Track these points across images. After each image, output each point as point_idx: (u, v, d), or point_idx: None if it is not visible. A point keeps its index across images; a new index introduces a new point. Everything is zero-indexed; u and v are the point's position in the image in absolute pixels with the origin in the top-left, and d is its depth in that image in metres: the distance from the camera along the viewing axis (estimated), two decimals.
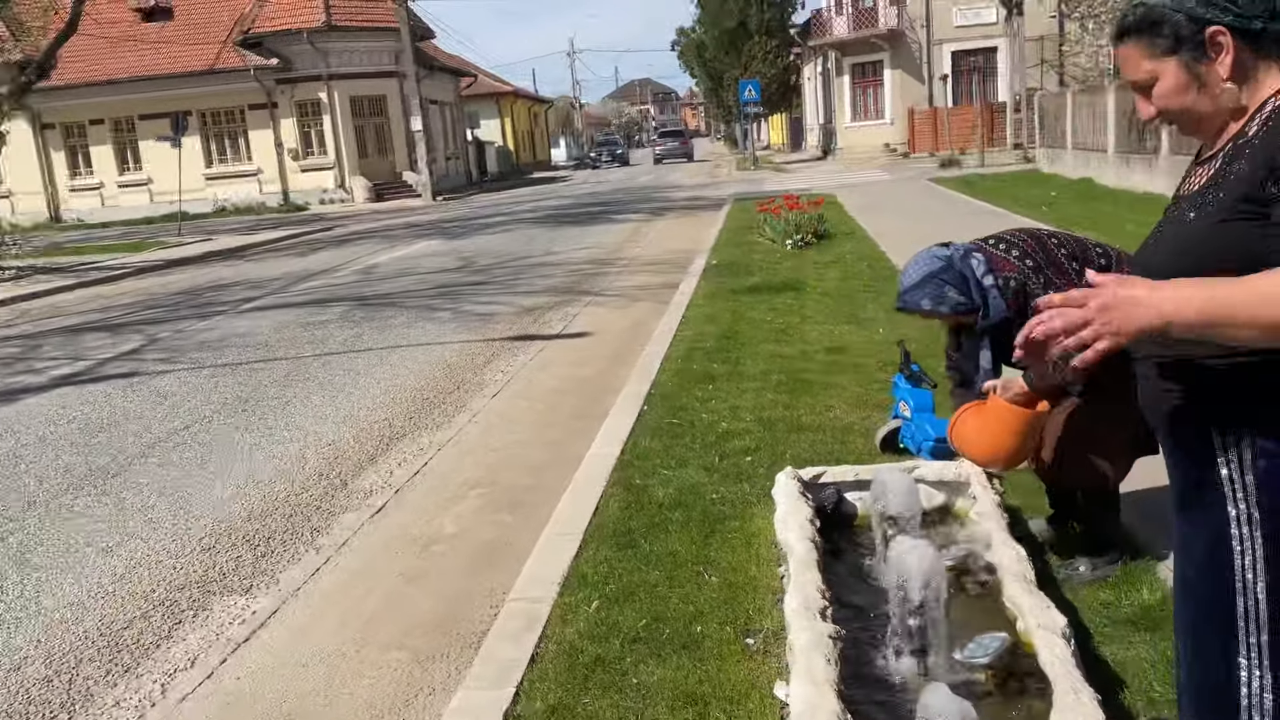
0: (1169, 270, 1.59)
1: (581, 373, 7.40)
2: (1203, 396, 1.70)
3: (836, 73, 36.52)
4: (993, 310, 3.28)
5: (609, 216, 21.22)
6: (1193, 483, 1.76)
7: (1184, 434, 1.75)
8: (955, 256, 3.34)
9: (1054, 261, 3.25)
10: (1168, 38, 1.65)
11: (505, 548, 4.33)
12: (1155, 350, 1.76)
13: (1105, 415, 3.37)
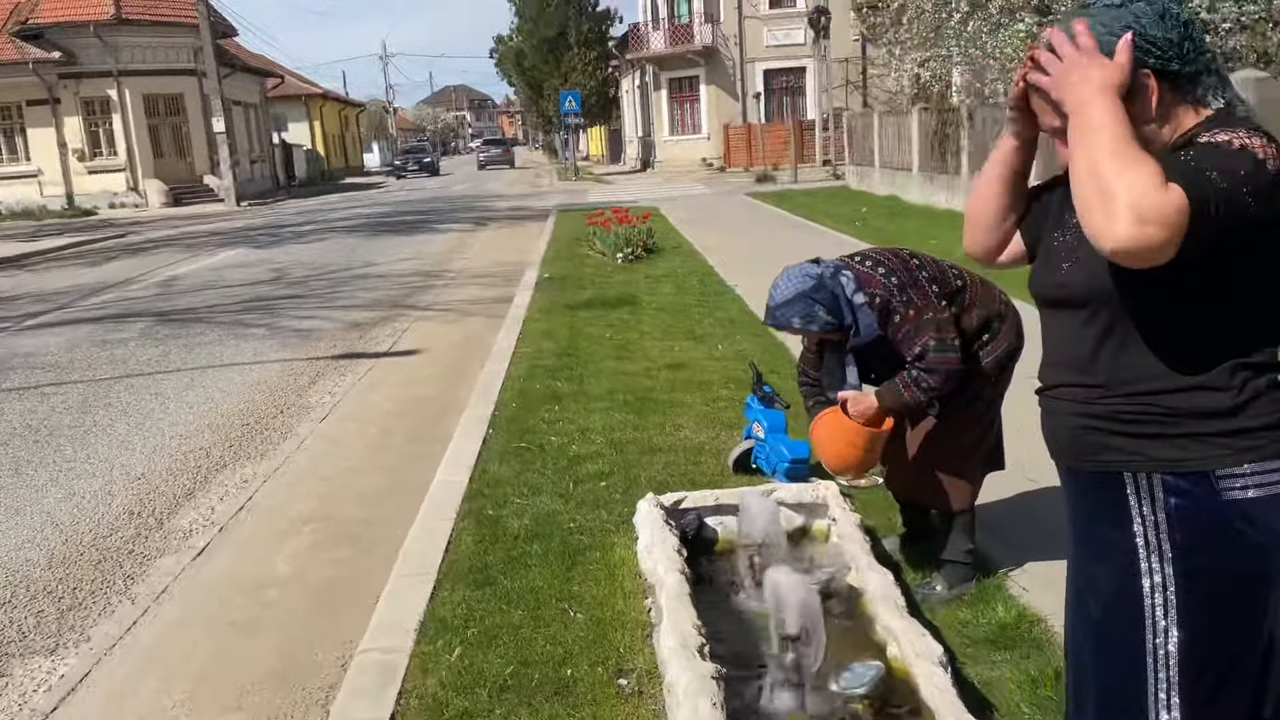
0: (1106, 288, 1.63)
1: (416, 393, 7.10)
2: (1117, 431, 1.69)
3: (655, 87, 37.08)
4: (864, 329, 3.30)
5: (430, 226, 20.70)
6: (1100, 519, 1.76)
7: (1093, 468, 1.75)
8: (826, 274, 3.34)
9: (916, 282, 3.30)
10: None
11: (348, 588, 4.04)
12: (1072, 379, 1.74)
13: (961, 435, 3.45)
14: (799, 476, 4.29)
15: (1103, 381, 1.70)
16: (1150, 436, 1.66)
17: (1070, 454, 1.78)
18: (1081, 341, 1.72)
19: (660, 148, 37.41)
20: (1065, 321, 1.77)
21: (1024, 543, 3.84)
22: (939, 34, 15.92)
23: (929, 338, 3.20)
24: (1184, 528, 1.65)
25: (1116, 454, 1.70)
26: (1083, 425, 1.73)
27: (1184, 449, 1.64)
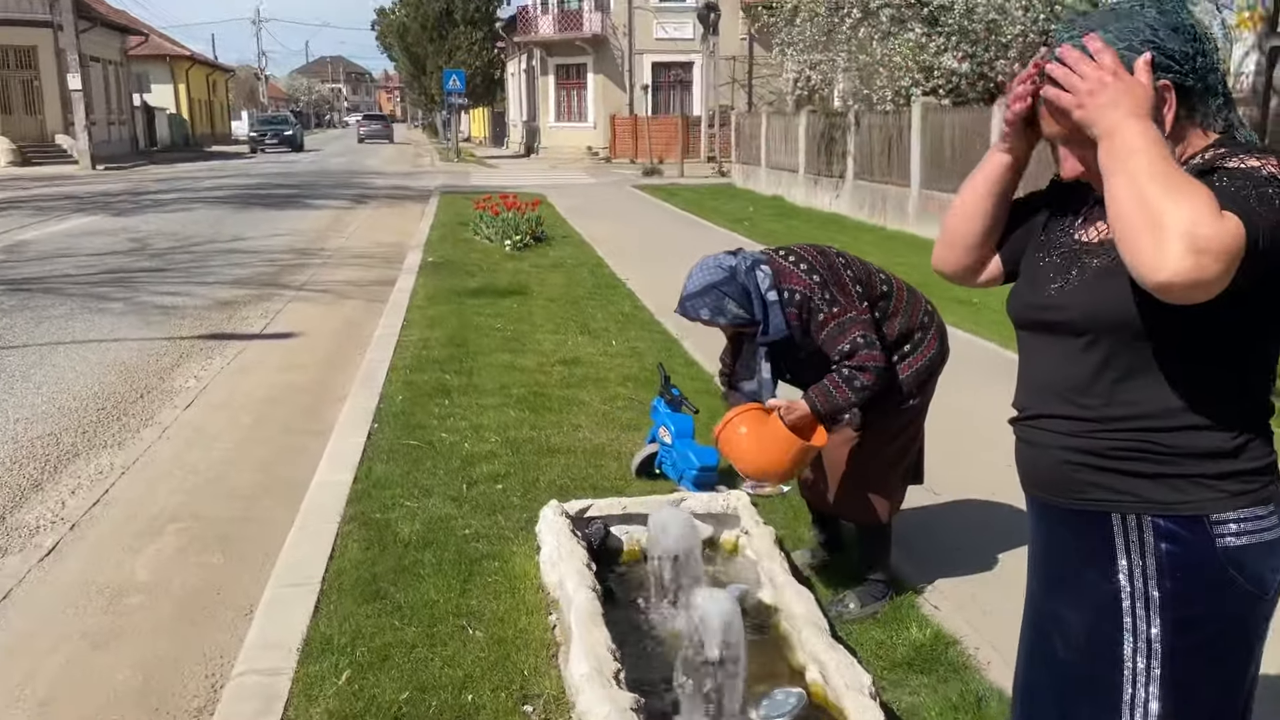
0: (1114, 317, 1.52)
1: (292, 379, 6.68)
2: (1107, 468, 1.58)
3: (542, 72, 36.62)
4: (772, 328, 3.17)
5: (304, 201, 19.85)
6: (1080, 560, 1.64)
7: (1077, 506, 1.63)
8: (740, 267, 3.21)
9: (839, 281, 3.18)
10: None
11: (219, 597, 3.69)
12: (1059, 410, 1.62)
13: (882, 448, 3.35)
14: (707, 484, 4.14)
15: (1097, 414, 1.57)
16: (1144, 476, 1.55)
17: (1052, 489, 1.65)
18: (1074, 370, 1.60)
19: (545, 134, 36.98)
20: (1053, 347, 1.64)
21: (930, 557, 3.79)
22: (830, 38, 16.09)
23: (855, 334, 3.09)
24: (1175, 575, 1.54)
25: (1105, 493, 1.58)
26: (1070, 460, 1.61)
27: (1179, 490, 1.53)
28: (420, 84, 43.80)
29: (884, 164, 14.98)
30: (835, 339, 3.11)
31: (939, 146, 13.31)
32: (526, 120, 40.89)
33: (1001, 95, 13.41)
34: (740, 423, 3.31)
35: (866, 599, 3.43)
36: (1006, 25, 14.28)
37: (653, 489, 4.39)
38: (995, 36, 14.47)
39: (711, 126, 31.29)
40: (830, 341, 3.13)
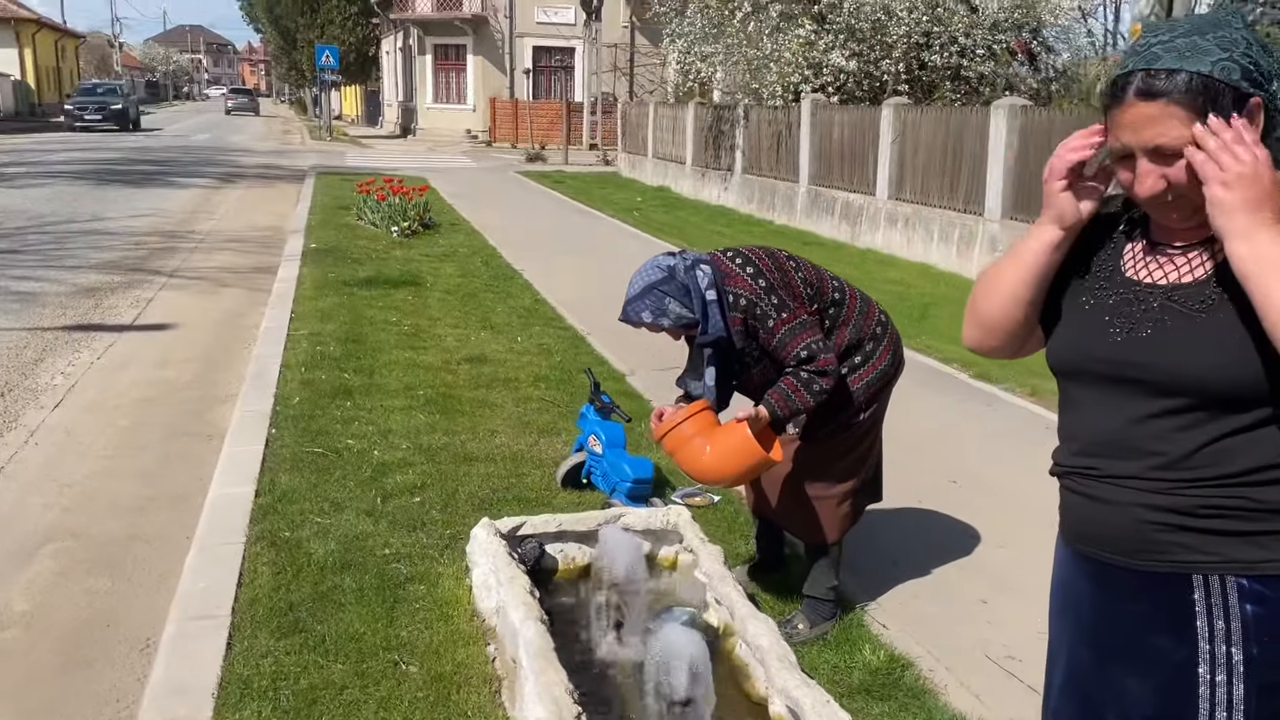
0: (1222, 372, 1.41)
1: (171, 376, 6.19)
2: (1191, 527, 1.46)
3: (419, 51, 35.61)
4: (711, 327, 3.03)
5: (168, 179, 18.75)
6: (1151, 624, 1.52)
7: (1149, 567, 1.50)
8: (680, 267, 3.06)
9: (789, 284, 3.06)
10: (1217, 106, 1.39)
11: (109, 631, 3.32)
12: (1136, 468, 1.49)
13: (832, 464, 3.24)
14: (641, 497, 3.97)
15: (1183, 473, 1.45)
16: (1230, 534, 1.44)
17: (1123, 550, 1.52)
18: (1155, 426, 1.47)
19: (422, 115, 36.02)
20: (1124, 401, 1.50)
21: (870, 571, 3.72)
22: (721, 30, 16.06)
23: (810, 339, 2.97)
24: (1262, 639, 1.43)
25: (1186, 552, 1.46)
26: (1149, 520, 1.48)
27: (1265, 548, 1.43)
28: (290, 59, 42.09)
29: (773, 159, 15.06)
30: (788, 344, 2.99)
31: (827, 143, 13.44)
32: (402, 100, 39.76)
33: (903, 95, 13.64)
34: (690, 426, 3.14)
35: (816, 620, 3.33)
36: (892, 26, 14.53)
37: (580, 500, 4.20)
38: (881, 36, 14.71)
39: (594, 114, 31.05)
40: (783, 347, 3.00)
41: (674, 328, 3.10)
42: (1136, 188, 1.46)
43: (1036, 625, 3.36)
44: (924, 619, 3.41)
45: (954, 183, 10.75)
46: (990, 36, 14.87)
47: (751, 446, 3.01)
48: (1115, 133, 1.47)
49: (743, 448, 3.01)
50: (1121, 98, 1.44)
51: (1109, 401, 1.53)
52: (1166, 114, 1.40)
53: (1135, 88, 1.42)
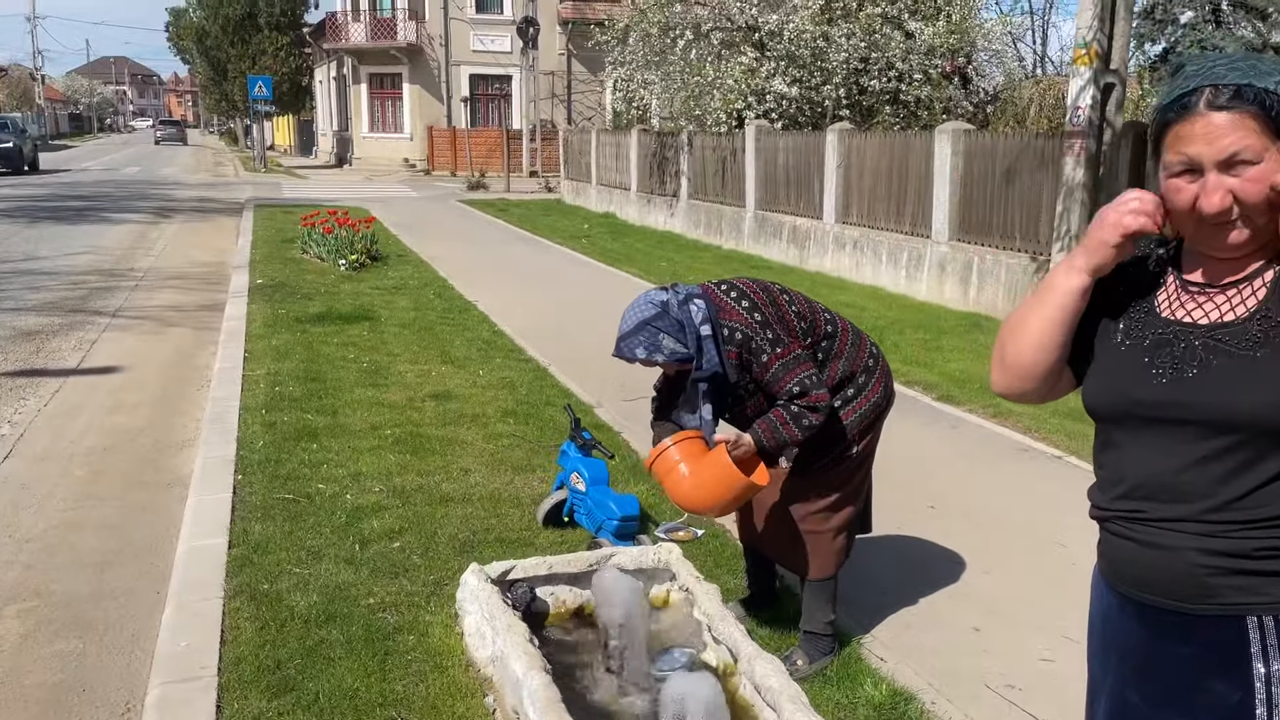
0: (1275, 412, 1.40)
1: (124, 422, 5.99)
2: (1245, 570, 1.46)
3: (354, 80, 35.35)
4: (705, 362, 3.02)
5: (101, 214, 18.28)
6: (1204, 668, 1.51)
7: (1203, 611, 1.50)
8: (674, 302, 3.04)
9: (783, 319, 3.06)
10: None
11: (85, 696, 3.18)
12: (1188, 511, 1.48)
13: (825, 496, 3.23)
14: (628, 534, 3.92)
15: (1237, 516, 1.45)
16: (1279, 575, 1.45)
17: (1178, 595, 1.51)
18: (1208, 470, 1.47)
19: (359, 144, 35.70)
20: (1172, 444, 1.50)
21: (861, 602, 3.71)
22: (663, 58, 16.18)
23: (803, 374, 2.97)
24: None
25: (1241, 594, 1.46)
26: (1205, 564, 1.48)
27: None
28: (221, 89, 41.44)
29: (718, 184, 15.17)
30: (782, 379, 2.98)
31: (773, 168, 13.58)
32: (338, 130, 39.37)
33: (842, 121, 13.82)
34: (677, 452, 3.11)
35: (814, 655, 3.31)
36: (831, 52, 14.77)
37: (564, 539, 4.15)
38: (820, 63, 14.95)
39: (533, 141, 31.04)
40: (777, 381, 2.99)
41: (668, 363, 3.08)
42: (1203, 203, 1.44)
43: (1033, 653, 3.40)
44: (920, 650, 3.41)
45: (900, 206, 10.91)
46: (926, 61, 15.20)
47: (731, 471, 2.99)
48: (1179, 147, 1.45)
49: (722, 474, 3.00)
50: (1191, 109, 1.43)
51: (1155, 444, 1.52)
52: (1241, 124, 1.40)
53: (1206, 99, 1.42)
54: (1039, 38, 34.38)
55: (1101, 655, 1.72)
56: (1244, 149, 1.40)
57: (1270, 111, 1.40)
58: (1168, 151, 1.47)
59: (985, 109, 16.06)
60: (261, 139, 36.15)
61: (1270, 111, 1.40)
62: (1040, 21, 24.18)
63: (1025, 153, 9.14)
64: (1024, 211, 9.18)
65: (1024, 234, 9.18)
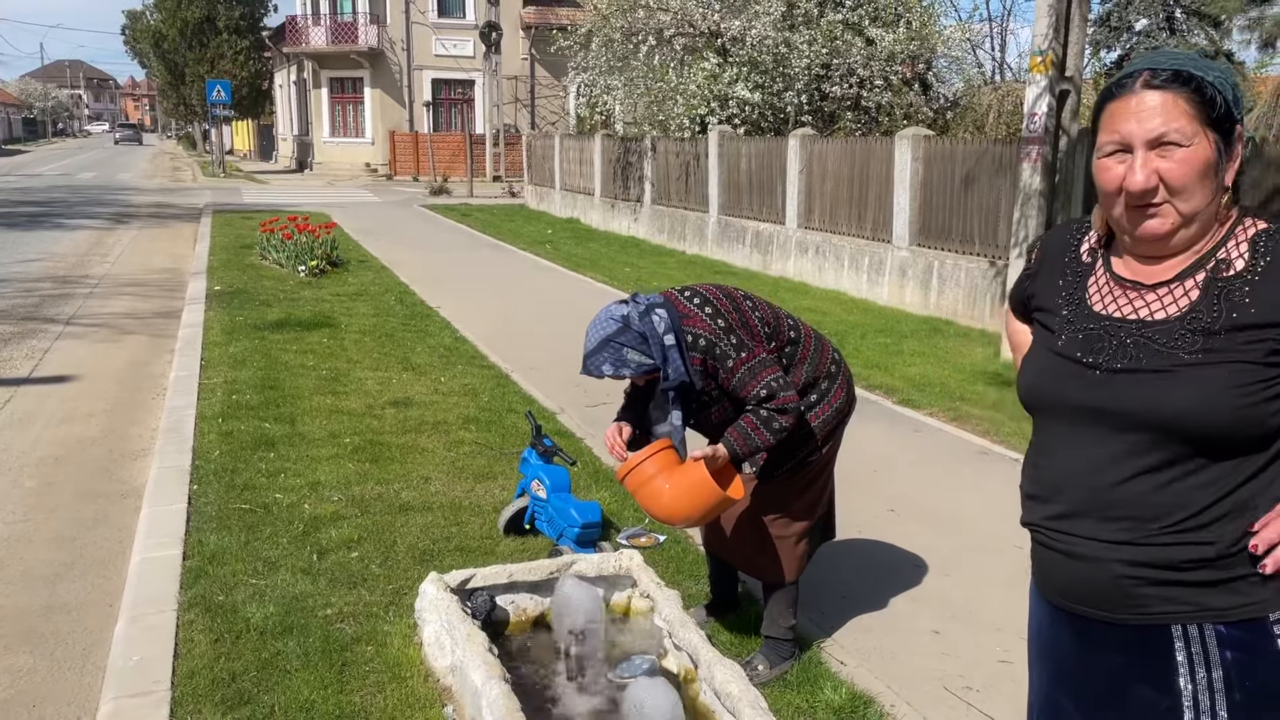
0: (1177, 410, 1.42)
1: (77, 432, 5.89)
2: (1167, 580, 1.47)
3: (314, 84, 35.05)
4: (671, 371, 3.01)
5: (55, 220, 17.98)
6: (1133, 675, 1.53)
7: (1128, 620, 1.52)
8: (634, 314, 3.02)
9: (747, 323, 3.06)
10: (1213, 112, 1.43)
11: (35, 712, 3.11)
12: (1115, 516, 1.49)
13: (788, 503, 3.24)
14: (589, 541, 3.91)
15: (1158, 524, 1.46)
16: (1205, 584, 1.46)
17: (1102, 605, 1.53)
18: (1129, 469, 1.47)
19: (320, 149, 35.40)
20: (1095, 441, 1.51)
21: (821, 606, 3.72)
22: (626, 63, 16.20)
23: (769, 377, 2.96)
24: (1244, 685, 1.45)
25: (1166, 604, 1.48)
26: (1129, 575, 1.48)
27: (1239, 593, 1.45)
28: (178, 93, 40.83)
29: (682, 189, 15.20)
30: (748, 383, 2.98)
31: (736, 174, 13.63)
32: (298, 134, 39.01)
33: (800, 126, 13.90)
34: (651, 465, 3.10)
35: (775, 660, 3.31)
36: (793, 58, 14.86)
37: (525, 546, 4.12)
38: (783, 69, 15.03)
39: (496, 145, 30.95)
40: (743, 386, 2.99)
41: (638, 375, 3.06)
42: (1128, 181, 1.45)
43: (991, 654, 3.42)
44: (880, 653, 3.43)
45: (862, 211, 10.99)
46: (887, 67, 15.33)
47: (709, 485, 2.98)
48: (1113, 125, 1.47)
49: (701, 487, 2.99)
50: (1126, 88, 1.46)
51: (1080, 441, 1.53)
52: (1174, 105, 1.42)
53: (1144, 79, 1.44)
54: (998, 44, 34.86)
55: (1038, 663, 1.74)
56: (1172, 130, 1.42)
57: (1204, 95, 1.42)
58: (1101, 132, 1.49)
59: (945, 115, 16.22)
60: (220, 144, 35.74)
61: (1204, 95, 1.42)
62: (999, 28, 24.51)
63: (984, 159, 9.24)
64: (983, 216, 9.28)
65: (983, 239, 9.28)
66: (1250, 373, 1.40)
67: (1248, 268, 1.45)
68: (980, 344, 8.32)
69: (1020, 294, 1.77)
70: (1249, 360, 1.41)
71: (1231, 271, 1.46)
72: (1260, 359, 1.40)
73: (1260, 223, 1.49)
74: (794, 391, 3.01)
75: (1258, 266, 1.44)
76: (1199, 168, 1.43)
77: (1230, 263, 1.47)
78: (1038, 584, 1.68)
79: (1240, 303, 1.43)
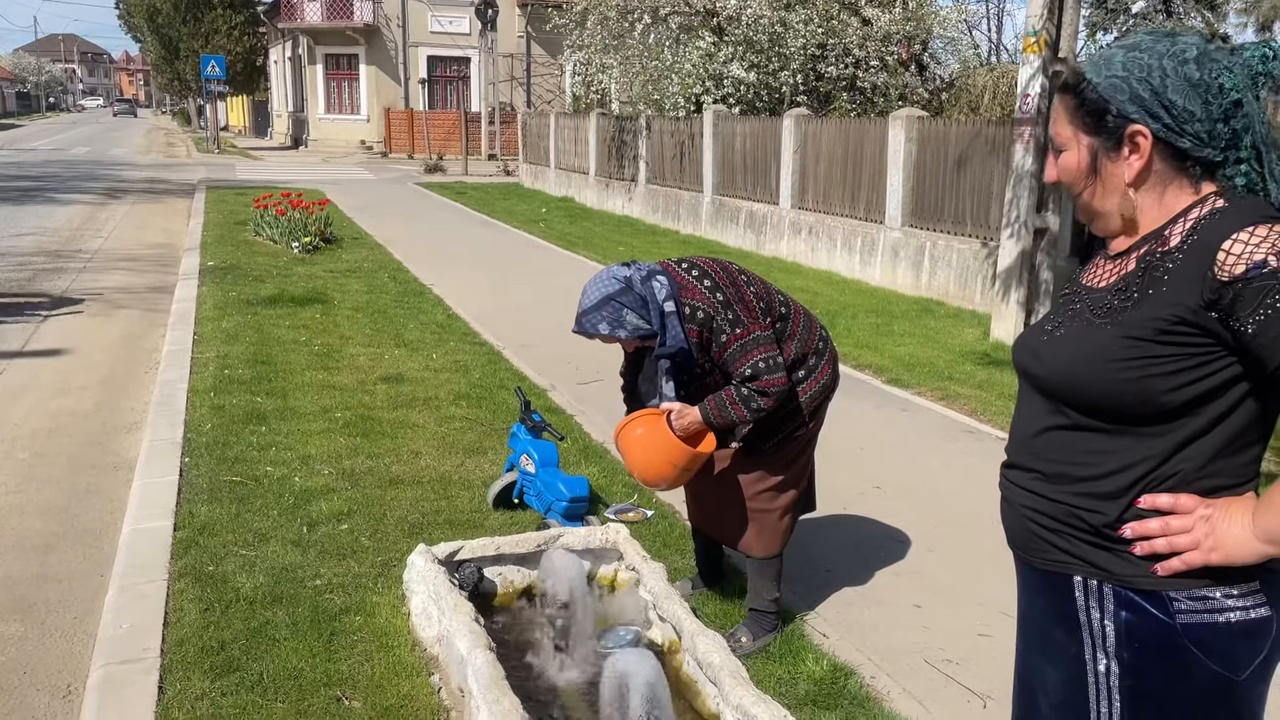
0: (1065, 372, 1.50)
1: (70, 405, 5.91)
2: (1064, 532, 1.54)
3: (309, 61, 34.84)
4: (669, 338, 3.04)
5: (48, 195, 17.92)
6: (1050, 617, 1.61)
7: (1044, 568, 1.59)
8: (636, 278, 3.05)
9: (743, 298, 3.08)
10: (1092, 116, 1.51)
11: (27, 679, 3.15)
12: (1029, 466, 1.59)
13: (772, 476, 3.28)
14: (577, 515, 3.95)
15: (1057, 476, 1.54)
16: (1098, 546, 1.51)
17: (1021, 547, 1.64)
18: (1042, 425, 1.57)
19: (314, 126, 35.23)
20: (1030, 398, 1.61)
21: (805, 580, 3.77)
22: (622, 42, 16.14)
23: (758, 356, 2.99)
24: (1133, 646, 1.49)
25: (1063, 555, 1.55)
26: (1033, 521, 1.58)
27: (1135, 564, 1.48)
28: (173, 68, 40.56)
29: (676, 169, 15.19)
30: (737, 360, 3.01)
31: (730, 154, 13.62)
32: (293, 111, 38.82)
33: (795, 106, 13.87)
34: (639, 426, 3.15)
35: (758, 632, 3.36)
36: (789, 38, 14.82)
37: (514, 520, 4.16)
38: (778, 48, 14.99)
39: (492, 124, 30.84)
40: (732, 362, 3.02)
41: (631, 339, 3.09)
42: (1046, 174, 1.60)
43: (971, 628, 3.47)
44: (862, 626, 3.48)
45: (855, 192, 11.00)
46: (883, 48, 15.30)
47: (672, 442, 3.04)
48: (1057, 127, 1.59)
49: (665, 443, 3.05)
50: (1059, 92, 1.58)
51: (1023, 402, 1.64)
52: (1060, 113, 1.55)
53: (1061, 82, 1.56)
54: (994, 25, 34.80)
55: (1017, 620, 1.80)
56: (1055, 135, 1.57)
57: (1081, 101, 1.51)
58: None
59: (940, 96, 16.20)
60: (215, 119, 35.56)
61: (1081, 101, 1.51)
62: (995, 8, 24.46)
63: (977, 140, 9.25)
64: (975, 198, 9.30)
65: (975, 220, 9.31)
66: (1140, 348, 1.43)
67: (1178, 246, 1.47)
68: (970, 324, 8.36)
69: None
70: (1141, 336, 1.43)
71: (1165, 248, 1.48)
72: (1150, 336, 1.43)
73: (1220, 201, 1.48)
74: (783, 374, 3.02)
75: (1184, 246, 1.45)
76: (1071, 170, 1.55)
77: (1167, 240, 1.49)
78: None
79: (1159, 279, 1.46)
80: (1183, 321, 1.42)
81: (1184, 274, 1.43)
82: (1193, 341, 1.42)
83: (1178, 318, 1.42)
